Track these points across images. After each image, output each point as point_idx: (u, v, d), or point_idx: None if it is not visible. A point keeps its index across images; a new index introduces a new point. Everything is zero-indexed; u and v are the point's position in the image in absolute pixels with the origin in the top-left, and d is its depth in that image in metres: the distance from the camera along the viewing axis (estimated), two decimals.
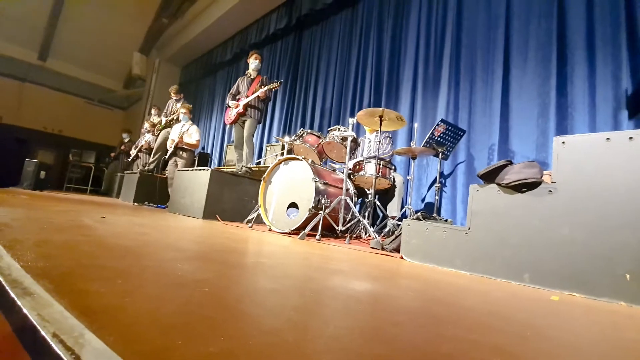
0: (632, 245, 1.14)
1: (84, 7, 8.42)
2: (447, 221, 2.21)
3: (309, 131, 3.25)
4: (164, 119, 5.76)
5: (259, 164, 5.08)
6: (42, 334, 0.40)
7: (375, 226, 3.04)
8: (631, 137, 1.21)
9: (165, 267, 0.91)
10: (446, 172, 3.46)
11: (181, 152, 4.80)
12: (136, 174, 5.14)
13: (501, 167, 1.51)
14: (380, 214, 3.26)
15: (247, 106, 3.94)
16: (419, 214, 2.00)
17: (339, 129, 3.06)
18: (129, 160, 6.94)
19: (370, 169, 2.87)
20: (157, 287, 0.71)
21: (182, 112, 4.98)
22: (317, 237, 2.33)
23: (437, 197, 2.93)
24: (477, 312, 0.85)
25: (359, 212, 3.00)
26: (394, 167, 3.09)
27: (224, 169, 4.17)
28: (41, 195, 4.50)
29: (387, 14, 4.48)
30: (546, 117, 2.78)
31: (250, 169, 3.93)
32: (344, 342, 0.52)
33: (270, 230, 2.73)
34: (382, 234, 2.87)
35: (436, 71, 3.72)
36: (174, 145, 4.73)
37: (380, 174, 2.77)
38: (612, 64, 2.52)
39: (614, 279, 1.15)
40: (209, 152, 7.81)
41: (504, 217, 1.46)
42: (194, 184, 3.49)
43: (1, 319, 0.51)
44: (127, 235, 1.50)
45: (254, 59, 4.13)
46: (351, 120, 2.83)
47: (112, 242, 1.22)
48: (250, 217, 2.94)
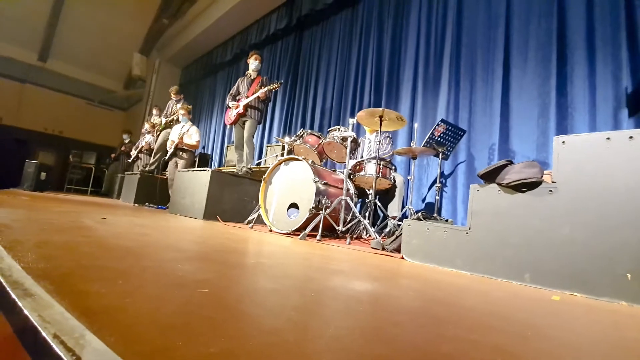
0: (633, 244, 1.13)
1: (84, 8, 8.44)
2: (447, 221, 2.21)
3: (309, 131, 3.25)
4: (163, 119, 5.77)
5: (259, 164, 5.08)
6: (43, 335, 0.40)
7: (375, 226, 3.03)
8: (631, 137, 1.21)
9: (165, 268, 0.91)
10: (446, 172, 3.46)
11: (181, 153, 4.81)
12: (137, 174, 5.14)
13: (501, 167, 1.51)
14: (380, 214, 3.26)
15: (247, 107, 3.94)
16: (420, 214, 2.00)
17: (339, 129, 3.06)
18: (130, 161, 6.94)
19: (370, 169, 2.87)
20: (157, 287, 0.71)
21: (181, 114, 4.98)
22: (318, 237, 2.33)
23: (437, 197, 2.93)
24: (478, 312, 0.84)
25: (360, 212, 3.00)
26: (394, 167, 3.09)
27: (225, 170, 4.17)
28: (42, 196, 4.51)
29: (387, 13, 4.48)
30: (546, 117, 2.78)
31: (250, 169, 3.93)
32: (344, 342, 0.52)
33: (270, 230, 2.73)
34: (383, 234, 2.87)
35: (436, 71, 3.72)
36: (173, 146, 4.74)
37: (380, 174, 2.77)
38: (612, 64, 2.52)
39: (614, 278, 1.15)
40: (209, 152, 7.81)
41: (505, 217, 1.46)
42: (195, 184, 3.49)
43: (2, 320, 0.51)
44: (128, 236, 1.50)
45: (254, 60, 4.13)
46: (351, 120, 2.83)
47: (113, 243, 1.22)
48: (250, 218, 2.94)
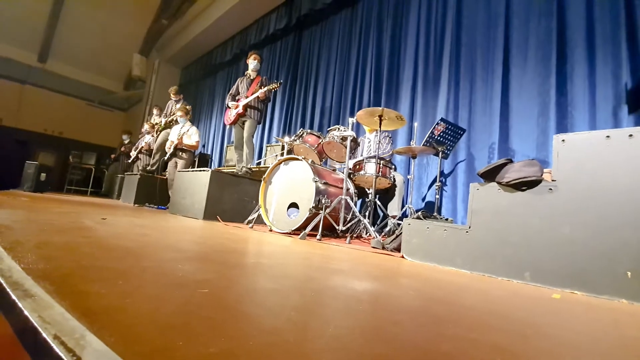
0: (633, 242, 1.13)
1: (84, 9, 8.43)
2: (447, 220, 2.21)
3: (309, 131, 3.24)
4: (163, 119, 5.77)
5: (259, 164, 5.08)
6: (43, 335, 0.40)
7: (375, 226, 3.03)
8: (631, 135, 1.21)
9: (165, 268, 0.91)
10: (446, 171, 3.46)
11: (181, 153, 4.81)
12: (137, 175, 5.14)
13: (501, 166, 1.51)
14: (380, 214, 3.26)
15: (246, 107, 3.94)
16: (420, 213, 2.00)
17: (339, 129, 3.06)
18: (129, 161, 6.94)
19: (370, 168, 2.87)
20: (157, 287, 0.71)
21: (179, 115, 4.99)
22: (318, 237, 2.33)
23: (437, 196, 2.92)
24: (478, 310, 0.85)
25: (360, 211, 3.00)
26: (394, 167, 3.08)
27: (224, 170, 4.17)
28: (42, 197, 4.51)
29: (386, 13, 4.47)
30: (546, 116, 2.78)
31: (250, 169, 3.93)
32: (344, 341, 0.52)
33: (270, 230, 2.73)
34: (383, 234, 2.87)
35: (436, 70, 3.72)
36: (173, 146, 4.74)
37: (380, 174, 2.77)
38: (612, 63, 2.52)
39: (614, 276, 1.15)
40: (209, 152, 7.81)
41: (505, 216, 1.46)
42: (195, 184, 3.49)
43: (2, 320, 0.51)
44: (128, 236, 1.50)
45: (253, 60, 4.13)
46: (351, 119, 2.83)
47: (113, 244, 1.23)
48: (250, 218, 2.94)
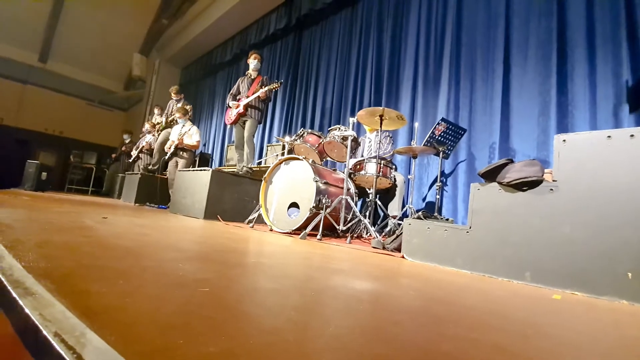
0: (634, 243, 1.13)
1: (84, 9, 8.44)
2: (448, 220, 2.21)
3: (310, 131, 3.24)
4: (163, 119, 5.78)
5: (259, 164, 5.08)
6: (44, 333, 0.40)
7: (376, 225, 3.03)
8: (632, 135, 1.20)
9: (166, 268, 0.91)
10: (447, 171, 3.46)
11: (182, 153, 4.81)
12: (137, 174, 5.15)
13: (502, 166, 1.51)
14: (381, 214, 3.26)
15: (247, 106, 3.94)
16: (420, 213, 2.00)
17: (340, 129, 3.06)
18: (130, 161, 6.95)
19: (371, 168, 2.87)
20: (157, 287, 0.71)
21: (177, 117, 4.99)
22: (318, 236, 2.33)
23: (438, 196, 2.92)
24: (478, 311, 0.84)
25: (360, 211, 3.00)
26: (394, 167, 3.08)
27: (225, 169, 4.17)
28: (42, 196, 4.51)
29: (387, 13, 4.47)
30: (547, 116, 2.78)
31: (251, 169, 3.93)
32: (344, 341, 0.52)
33: (271, 230, 2.73)
34: (383, 234, 2.87)
35: (436, 70, 3.71)
36: (173, 146, 4.74)
37: (381, 174, 2.77)
38: (612, 62, 2.52)
39: (615, 277, 1.15)
40: (209, 152, 7.81)
41: (505, 216, 1.46)
42: (195, 184, 3.49)
43: (3, 318, 0.51)
44: (128, 235, 1.50)
45: (254, 59, 4.13)
46: (351, 119, 2.83)
47: (113, 243, 1.23)
48: (251, 217, 2.94)
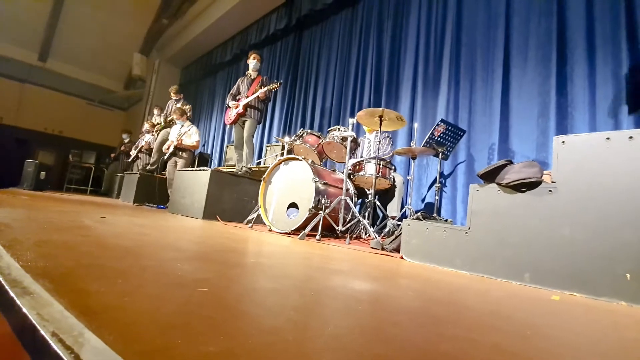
0: (633, 244, 1.13)
1: (84, 8, 8.44)
2: (447, 221, 2.21)
3: (309, 131, 3.24)
4: (162, 119, 5.78)
5: (259, 164, 5.08)
6: (42, 333, 0.40)
7: (375, 226, 3.03)
8: (631, 137, 1.21)
9: (165, 267, 0.91)
10: (446, 172, 3.46)
11: (181, 153, 4.80)
12: (136, 174, 5.14)
13: (501, 167, 1.51)
14: (380, 214, 3.26)
15: (246, 106, 3.94)
16: (419, 214, 2.00)
17: (339, 129, 3.06)
18: (129, 160, 6.94)
19: (370, 169, 2.87)
20: (156, 286, 0.71)
21: (174, 118, 4.98)
22: (317, 237, 2.33)
23: (437, 197, 2.92)
24: (477, 311, 0.84)
25: (359, 212, 3.00)
26: (394, 167, 3.09)
27: (224, 170, 4.16)
28: (41, 195, 4.50)
29: (387, 13, 4.48)
30: (546, 117, 2.78)
31: (250, 169, 3.93)
32: (343, 341, 0.52)
33: (270, 230, 2.73)
34: (382, 234, 2.87)
35: (436, 71, 3.72)
36: (172, 146, 4.73)
37: (380, 174, 2.77)
38: (612, 63, 2.52)
39: (614, 278, 1.15)
40: (209, 152, 7.81)
41: (504, 217, 1.46)
42: (194, 184, 3.49)
43: (1, 318, 0.51)
44: (127, 235, 1.50)
45: (253, 59, 4.13)
46: (351, 120, 2.83)
47: (112, 242, 1.22)
48: (250, 218, 2.94)
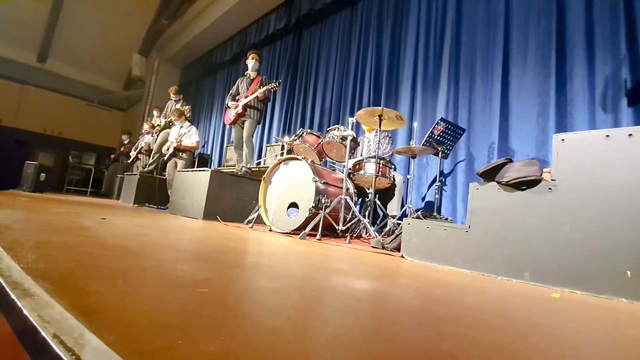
0: (633, 242, 1.13)
1: (83, 9, 8.43)
2: (447, 220, 2.21)
3: (309, 131, 3.24)
4: (162, 120, 5.78)
5: (258, 164, 5.08)
6: (43, 334, 0.40)
7: (375, 225, 3.03)
8: (630, 134, 1.21)
9: (165, 268, 0.91)
10: (446, 171, 3.46)
11: (181, 153, 4.80)
12: (136, 175, 5.14)
13: (501, 165, 1.51)
14: (380, 213, 3.26)
15: (246, 107, 3.94)
16: (419, 213, 2.00)
17: (339, 129, 3.06)
18: (129, 161, 6.94)
19: (370, 168, 2.87)
20: (157, 287, 0.71)
21: (173, 119, 4.98)
22: (318, 236, 2.33)
23: (437, 196, 2.92)
24: (478, 310, 0.85)
25: (359, 211, 3.00)
26: (393, 166, 3.08)
27: (224, 170, 4.16)
28: (41, 197, 4.51)
29: (386, 13, 4.47)
30: (546, 116, 2.78)
31: (250, 169, 3.93)
32: (344, 340, 0.52)
33: (270, 230, 2.73)
34: (383, 233, 2.87)
35: (436, 70, 3.72)
36: (172, 148, 4.73)
37: (380, 173, 2.77)
38: (611, 62, 2.52)
39: (614, 275, 1.15)
40: (208, 152, 7.81)
41: (504, 215, 1.46)
42: (194, 184, 3.49)
43: (2, 320, 0.51)
44: (127, 236, 1.50)
45: (252, 59, 4.13)
46: (351, 119, 2.83)
47: (112, 243, 1.22)
48: (250, 218, 2.94)
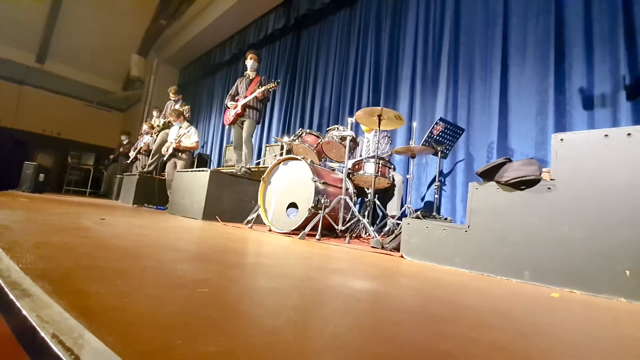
0: (632, 241, 1.14)
1: (82, 9, 8.41)
2: (446, 220, 2.21)
3: (308, 131, 3.24)
4: (162, 120, 5.77)
5: (258, 164, 5.08)
6: (42, 334, 0.40)
7: (375, 225, 3.03)
8: (629, 134, 1.21)
9: (164, 268, 0.91)
10: (445, 171, 3.46)
11: (180, 154, 4.80)
12: (135, 175, 5.14)
13: (500, 165, 1.51)
14: (379, 213, 3.26)
15: (245, 107, 3.94)
16: (419, 213, 2.00)
17: (338, 129, 3.06)
18: (128, 162, 6.93)
19: (369, 168, 2.87)
20: (156, 287, 0.71)
21: (171, 120, 4.98)
22: (317, 236, 2.33)
23: (436, 196, 2.93)
24: (477, 309, 0.85)
25: (359, 211, 3.00)
26: (393, 166, 3.08)
27: (223, 170, 4.16)
28: (40, 197, 4.50)
29: (385, 12, 4.47)
30: (545, 115, 2.78)
31: (249, 169, 3.93)
32: (343, 340, 0.52)
33: (270, 230, 2.73)
34: (382, 233, 2.87)
35: (434, 70, 3.72)
36: (171, 148, 4.72)
37: (379, 173, 2.77)
38: (610, 61, 2.52)
39: (613, 275, 1.15)
40: (208, 152, 7.81)
41: (504, 215, 1.46)
42: (194, 185, 3.49)
43: (1, 320, 0.51)
44: (127, 236, 1.49)
45: (250, 59, 4.13)
46: (350, 119, 2.83)
47: (112, 244, 1.22)
48: (250, 218, 2.94)
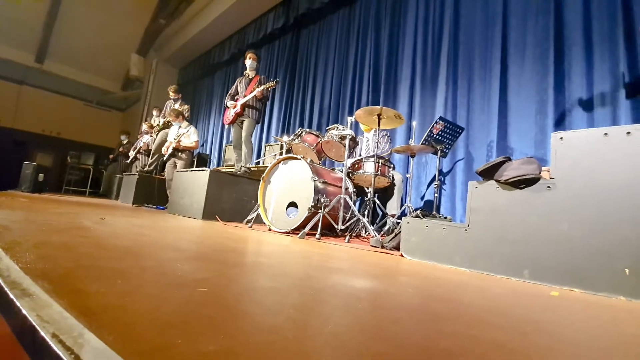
0: (631, 239, 1.14)
1: (81, 9, 8.40)
2: (446, 218, 2.21)
3: (308, 130, 3.24)
4: (161, 119, 5.77)
5: (257, 163, 5.07)
6: (42, 334, 0.40)
7: (374, 224, 3.04)
8: (629, 132, 1.21)
9: (164, 267, 0.91)
10: (445, 170, 3.46)
11: (180, 153, 4.80)
12: (135, 175, 5.13)
13: (500, 164, 1.51)
14: (379, 213, 3.26)
15: (244, 106, 3.94)
16: (419, 212, 2.00)
17: (338, 128, 3.06)
18: (128, 161, 6.93)
19: (369, 167, 2.87)
20: (156, 287, 0.71)
21: (171, 119, 4.97)
22: (317, 236, 2.33)
23: (436, 195, 2.93)
24: (477, 308, 0.85)
25: (359, 210, 3.00)
26: (392, 166, 3.09)
27: (223, 170, 4.16)
28: (40, 197, 4.50)
29: (384, 12, 4.47)
30: (544, 114, 2.78)
31: (249, 169, 3.93)
32: (343, 339, 0.52)
33: (269, 229, 2.73)
34: (382, 232, 2.88)
35: (434, 69, 3.72)
36: (171, 148, 4.72)
37: (379, 173, 2.77)
38: (609, 60, 2.52)
39: (613, 273, 1.16)
40: (207, 152, 7.80)
41: (503, 214, 1.46)
42: (193, 184, 3.49)
43: (0, 319, 0.51)
44: (126, 236, 1.49)
45: (249, 59, 4.13)
46: (349, 118, 2.83)
47: (112, 243, 1.22)
48: (249, 217, 2.94)
